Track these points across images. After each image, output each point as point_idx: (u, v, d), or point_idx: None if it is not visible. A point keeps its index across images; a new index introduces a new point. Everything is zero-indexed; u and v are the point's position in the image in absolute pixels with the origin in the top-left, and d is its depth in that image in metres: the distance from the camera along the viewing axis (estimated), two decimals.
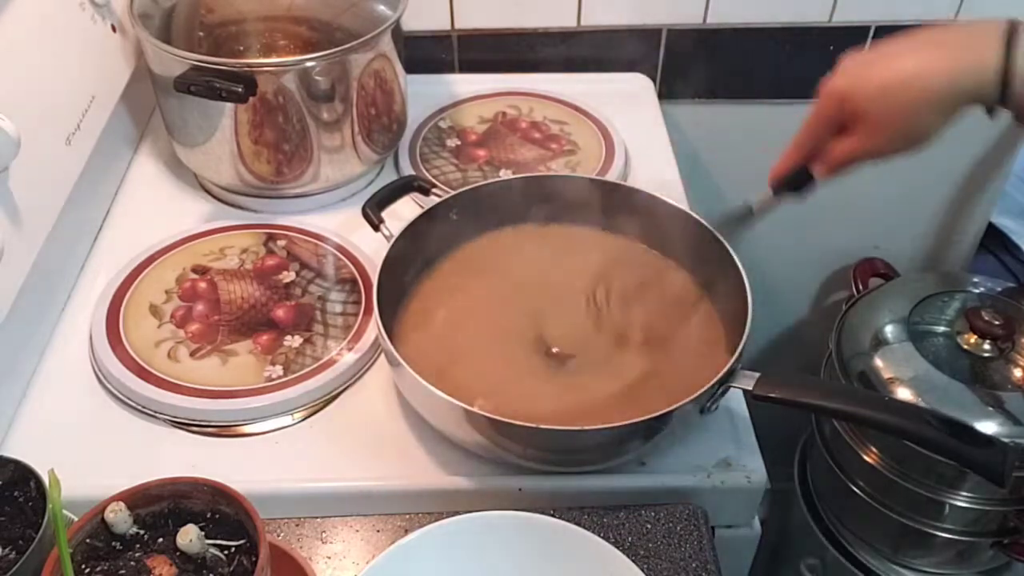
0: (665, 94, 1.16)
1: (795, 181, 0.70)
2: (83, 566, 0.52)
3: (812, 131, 0.67)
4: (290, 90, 0.84)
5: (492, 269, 0.81)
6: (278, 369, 0.75)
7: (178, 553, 0.52)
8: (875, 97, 0.62)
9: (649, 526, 0.67)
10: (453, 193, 0.81)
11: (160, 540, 0.54)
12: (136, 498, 0.54)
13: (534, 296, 0.79)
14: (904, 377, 0.91)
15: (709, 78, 1.19)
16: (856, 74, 0.63)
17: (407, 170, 0.97)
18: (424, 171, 0.96)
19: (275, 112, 0.85)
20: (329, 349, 0.77)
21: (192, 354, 0.76)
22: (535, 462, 0.68)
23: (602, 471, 0.69)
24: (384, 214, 0.80)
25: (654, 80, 1.16)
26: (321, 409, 0.74)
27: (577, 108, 1.06)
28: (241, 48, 0.95)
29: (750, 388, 0.65)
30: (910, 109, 0.61)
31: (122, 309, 0.80)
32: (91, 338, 0.78)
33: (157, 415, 0.73)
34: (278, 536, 0.66)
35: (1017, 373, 0.93)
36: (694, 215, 0.78)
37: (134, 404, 0.73)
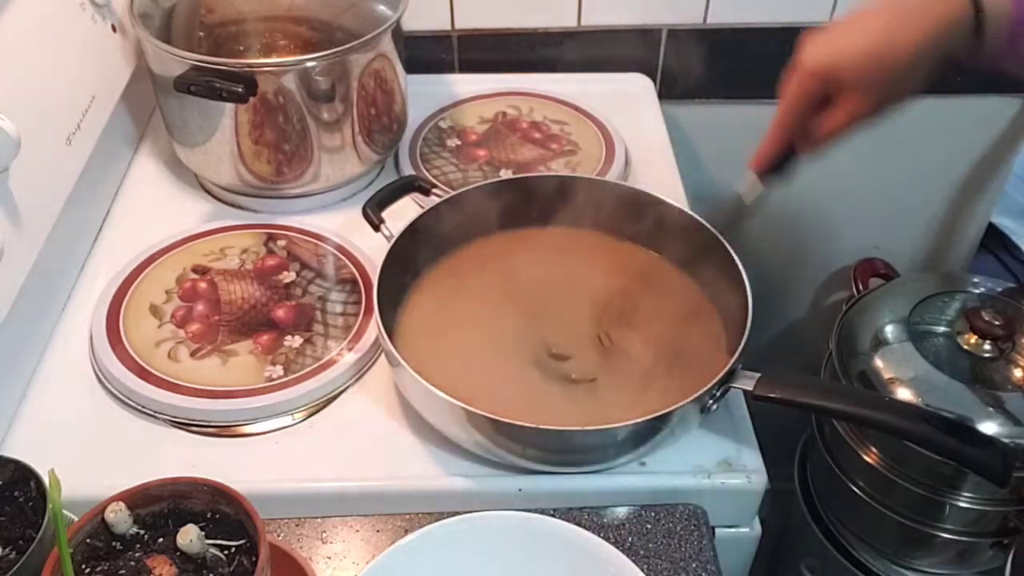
0: (665, 94, 1.16)
1: (780, 163, 0.71)
2: (83, 566, 0.52)
3: (795, 110, 0.67)
4: (290, 90, 0.84)
5: (492, 269, 0.81)
6: (278, 369, 0.75)
7: (178, 553, 0.52)
8: (861, 64, 0.63)
9: (649, 526, 0.67)
10: (453, 193, 0.81)
11: (160, 540, 0.54)
12: (136, 498, 0.54)
13: (534, 296, 0.79)
14: (904, 377, 0.91)
15: (709, 78, 1.19)
16: (834, 47, 0.64)
17: (407, 170, 0.97)
18: (424, 171, 0.96)
19: (275, 112, 0.85)
20: (329, 349, 0.77)
21: (192, 354, 0.76)
22: (535, 462, 0.68)
23: (602, 471, 0.69)
24: (384, 214, 0.80)
25: (654, 80, 1.16)
26: (321, 409, 0.74)
27: (577, 108, 1.06)
28: (241, 48, 0.95)
29: (750, 388, 0.65)
30: (898, 69, 0.63)
31: (122, 309, 0.80)
32: (91, 338, 0.78)
33: (157, 415, 0.73)
34: (278, 536, 0.66)
35: (1017, 373, 0.93)
36: (694, 215, 0.78)
37: (134, 404, 0.73)
